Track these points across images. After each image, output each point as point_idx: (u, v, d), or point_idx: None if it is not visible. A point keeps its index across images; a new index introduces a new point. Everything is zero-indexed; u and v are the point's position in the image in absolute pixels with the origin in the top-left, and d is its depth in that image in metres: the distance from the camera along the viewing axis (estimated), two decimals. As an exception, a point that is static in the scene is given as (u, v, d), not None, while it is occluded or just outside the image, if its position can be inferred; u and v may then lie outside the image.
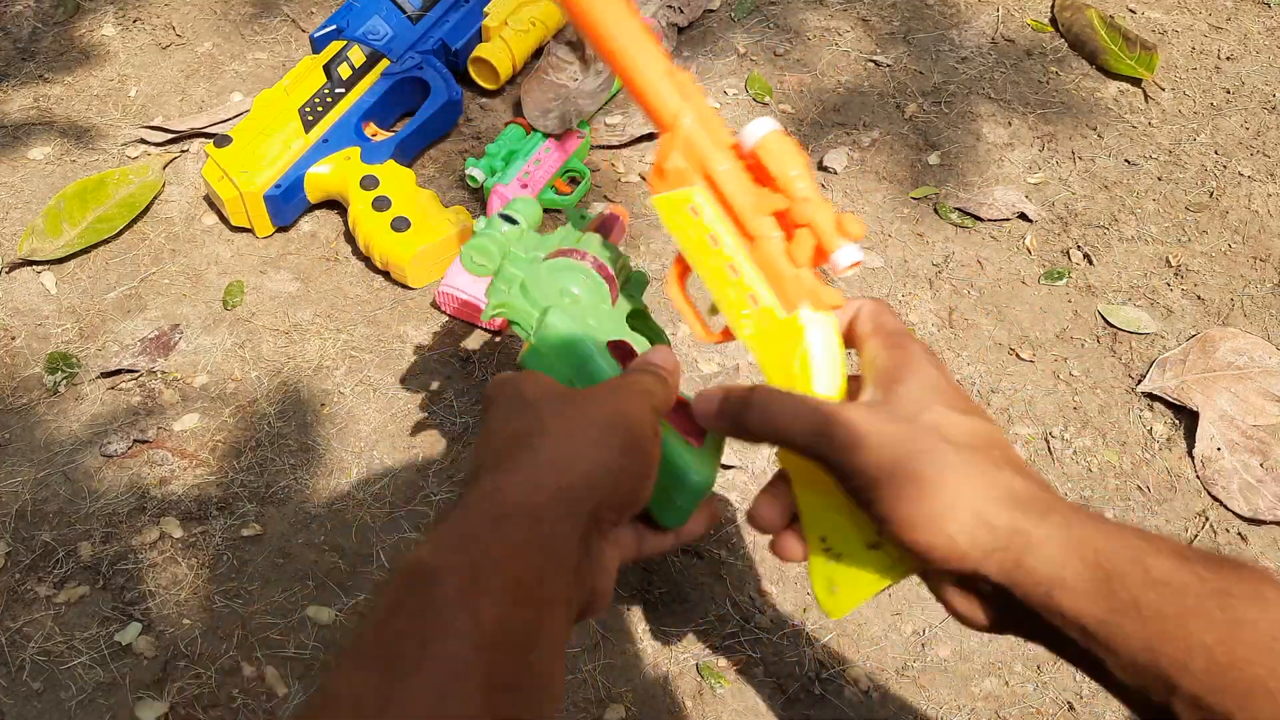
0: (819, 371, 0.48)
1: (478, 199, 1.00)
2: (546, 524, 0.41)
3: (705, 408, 0.49)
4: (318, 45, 1.03)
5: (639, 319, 0.61)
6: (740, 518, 0.82)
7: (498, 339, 0.91)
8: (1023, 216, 0.99)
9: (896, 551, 0.46)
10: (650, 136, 1.04)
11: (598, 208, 0.99)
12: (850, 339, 0.50)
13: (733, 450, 0.84)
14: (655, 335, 0.62)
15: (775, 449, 0.49)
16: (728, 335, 0.53)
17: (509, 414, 0.46)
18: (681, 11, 1.12)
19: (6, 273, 0.94)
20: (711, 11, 1.15)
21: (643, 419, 0.46)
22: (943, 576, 0.45)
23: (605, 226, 0.68)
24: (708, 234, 0.50)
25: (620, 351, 0.55)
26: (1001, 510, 0.42)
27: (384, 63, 1.02)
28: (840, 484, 0.45)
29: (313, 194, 0.96)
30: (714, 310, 0.53)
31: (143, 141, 1.04)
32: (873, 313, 0.50)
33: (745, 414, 0.47)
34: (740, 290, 0.50)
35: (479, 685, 0.35)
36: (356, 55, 1.01)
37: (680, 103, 0.50)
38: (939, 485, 0.42)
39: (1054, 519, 0.41)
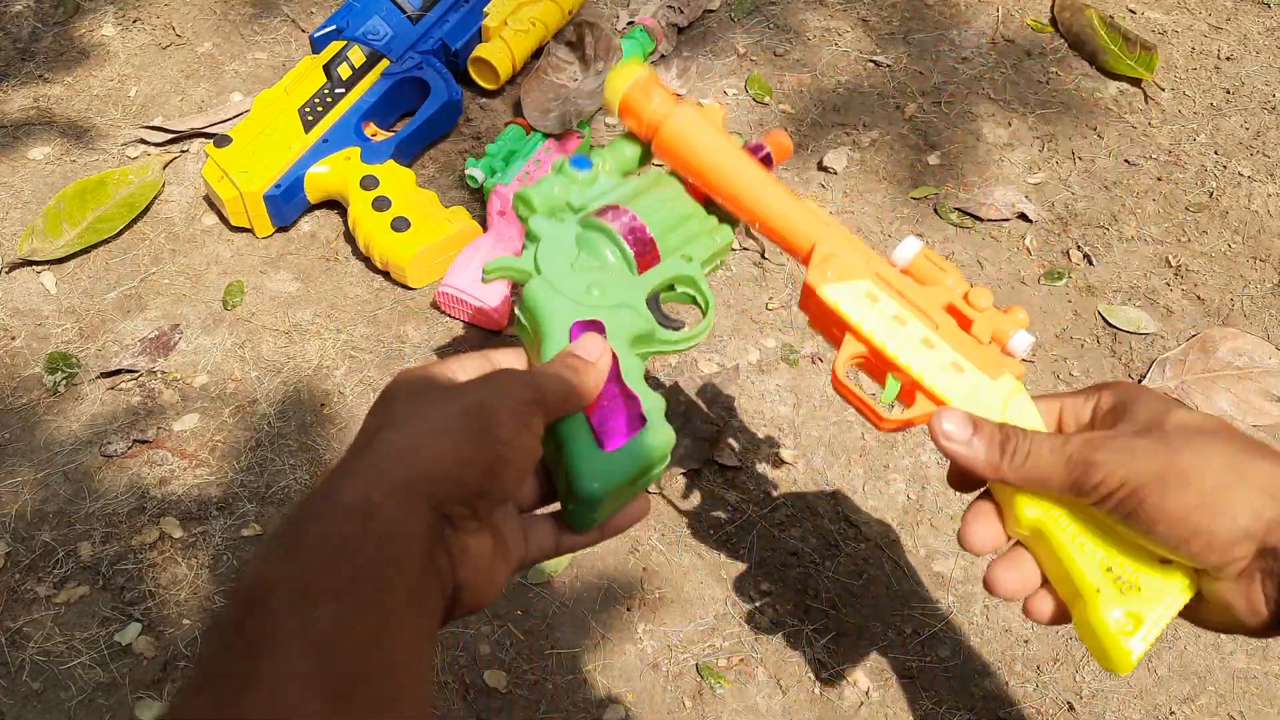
0: (1028, 422, 0.50)
1: (478, 199, 1.00)
2: (381, 519, 0.39)
3: (957, 433, 0.48)
4: (318, 45, 1.03)
5: (687, 284, 0.58)
6: (738, 517, 0.82)
7: (498, 338, 0.91)
8: (1023, 217, 0.99)
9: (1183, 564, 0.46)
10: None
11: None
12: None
13: (732, 449, 0.84)
14: (705, 303, 0.59)
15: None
16: (905, 424, 0.53)
17: (372, 414, 0.45)
18: (681, 11, 1.12)
19: (6, 273, 0.94)
20: (711, 11, 1.15)
21: (502, 408, 0.43)
22: (1222, 572, 0.44)
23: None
24: (893, 315, 0.53)
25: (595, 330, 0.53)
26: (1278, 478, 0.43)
27: (384, 63, 1.02)
28: (1102, 506, 0.45)
29: (313, 194, 0.96)
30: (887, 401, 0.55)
31: (143, 141, 1.04)
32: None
33: (1006, 449, 0.47)
34: (941, 359, 0.52)
35: (318, 691, 0.35)
36: (356, 55, 1.01)
37: (823, 228, 0.55)
38: (1204, 471, 0.43)
39: None
